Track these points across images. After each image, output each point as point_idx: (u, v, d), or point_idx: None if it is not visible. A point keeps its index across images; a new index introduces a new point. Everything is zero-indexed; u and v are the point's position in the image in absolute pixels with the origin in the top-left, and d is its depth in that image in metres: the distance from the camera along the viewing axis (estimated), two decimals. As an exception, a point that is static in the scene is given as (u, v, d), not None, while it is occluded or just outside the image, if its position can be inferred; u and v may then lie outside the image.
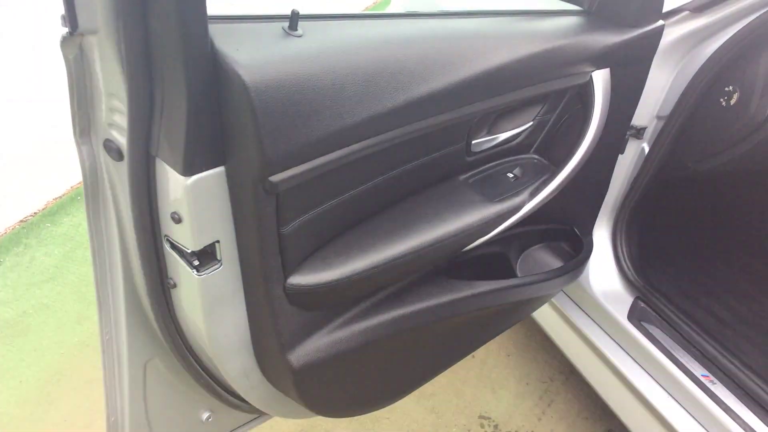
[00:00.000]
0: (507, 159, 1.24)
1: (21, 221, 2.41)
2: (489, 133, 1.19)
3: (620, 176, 1.55)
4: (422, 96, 0.94)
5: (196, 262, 0.89)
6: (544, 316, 1.80)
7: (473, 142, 1.16)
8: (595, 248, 1.63)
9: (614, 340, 1.57)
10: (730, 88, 1.44)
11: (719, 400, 1.32)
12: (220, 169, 0.83)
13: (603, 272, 1.63)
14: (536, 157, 1.27)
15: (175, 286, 0.96)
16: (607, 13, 1.22)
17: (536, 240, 1.51)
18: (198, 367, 1.11)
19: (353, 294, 1.07)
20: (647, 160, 1.52)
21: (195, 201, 0.82)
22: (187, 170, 0.79)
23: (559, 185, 1.23)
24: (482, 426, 1.74)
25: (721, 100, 1.45)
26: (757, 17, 1.31)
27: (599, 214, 1.60)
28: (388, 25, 0.99)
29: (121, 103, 0.78)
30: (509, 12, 1.15)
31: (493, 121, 1.17)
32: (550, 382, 1.89)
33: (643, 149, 1.52)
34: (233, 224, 0.90)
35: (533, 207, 1.20)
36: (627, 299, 1.59)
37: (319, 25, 0.89)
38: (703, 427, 1.34)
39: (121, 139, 0.82)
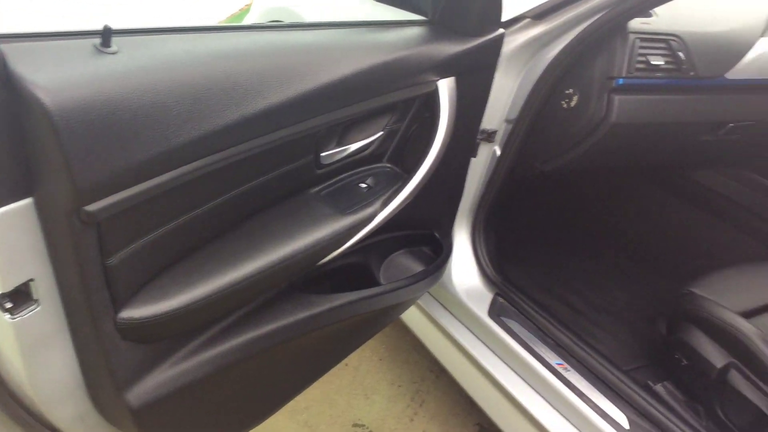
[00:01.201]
0: (359, 169, 1.22)
1: None
2: (339, 145, 1.16)
3: (475, 179, 1.58)
4: (259, 112, 0.89)
5: (9, 305, 0.80)
6: (412, 317, 1.81)
7: (322, 154, 1.12)
8: (455, 249, 1.65)
9: (477, 336, 1.60)
10: (570, 90, 1.50)
11: (573, 386, 1.38)
12: (28, 200, 0.75)
13: (464, 272, 1.66)
14: (389, 165, 1.26)
15: None
16: (449, 24, 1.23)
17: (398, 246, 1.50)
18: (28, 415, 1.00)
19: (197, 322, 1.00)
20: (499, 163, 1.56)
21: (0, 237, 0.73)
22: None
23: (412, 192, 1.23)
24: (357, 433, 1.72)
25: (563, 102, 1.52)
26: (590, 23, 1.37)
27: (457, 216, 1.62)
28: (219, 38, 0.92)
29: None
30: (352, 23, 1.12)
31: (341, 132, 1.14)
32: (422, 382, 1.90)
33: (494, 152, 1.55)
34: (49, 259, 0.81)
35: (387, 216, 1.18)
36: (487, 296, 1.62)
37: (137, 41, 0.82)
38: (559, 413, 1.39)
39: None
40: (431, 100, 1.21)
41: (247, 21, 2.40)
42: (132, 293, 0.89)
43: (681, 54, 1.49)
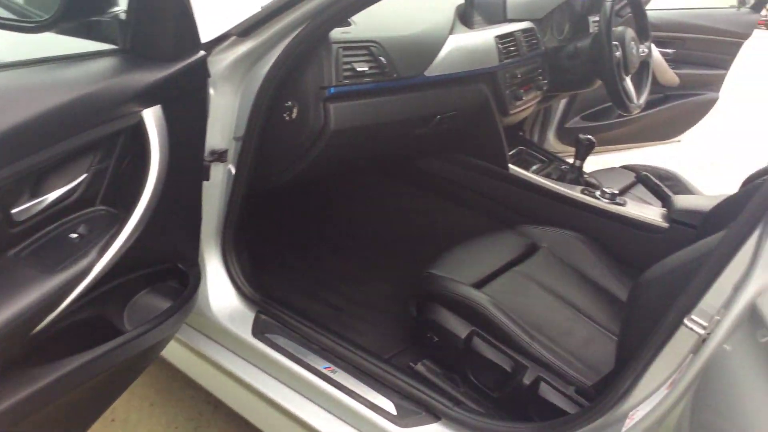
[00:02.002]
0: (67, 218, 1.12)
1: None
2: (34, 196, 1.05)
3: (214, 200, 1.55)
4: None
5: None
6: (177, 354, 1.73)
7: (14, 211, 1.01)
8: (209, 275, 1.61)
9: (244, 359, 1.58)
10: (290, 103, 1.54)
11: (342, 385, 1.42)
12: None
13: (222, 296, 1.63)
14: (103, 208, 1.18)
15: None
16: (143, 51, 1.19)
17: (141, 287, 1.43)
18: None
19: None
20: (236, 180, 1.55)
21: None
22: None
23: (134, 231, 1.17)
24: (139, 489, 1.61)
25: (285, 115, 1.55)
26: (293, 37, 1.41)
27: (204, 241, 1.58)
28: None
29: None
30: (25, 62, 1.02)
31: (34, 182, 1.04)
32: (200, 417, 1.83)
33: (230, 170, 1.54)
34: None
35: (108, 263, 1.11)
36: (249, 315, 1.61)
37: None
38: (334, 415, 1.43)
39: None
40: (138, 132, 1.16)
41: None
42: None
43: (382, 58, 1.61)
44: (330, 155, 1.64)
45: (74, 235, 1.10)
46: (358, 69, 1.57)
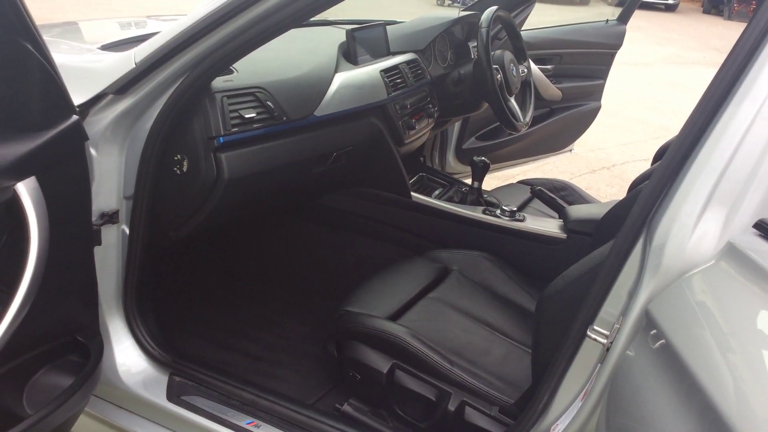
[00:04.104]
0: None
1: None
2: None
3: (111, 264, 1.47)
4: None
5: None
6: (89, 430, 1.61)
7: None
8: (114, 341, 1.52)
9: (162, 425, 1.49)
10: (179, 156, 1.49)
11: None
12: None
13: (130, 363, 1.54)
14: None
15: None
16: (11, 123, 1.11)
17: (39, 366, 1.32)
18: None
19: None
20: (131, 240, 1.48)
21: None
22: None
23: (20, 308, 1.09)
24: None
25: (175, 169, 1.50)
26: (174, 90, 1.37)
27: (104, 309, 1.49)
28: None
29: None
30: None
31: None
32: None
33: (123, 231, 1.47)
34: None
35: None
36: (162, 379, 1.53)
37: None
38: None
39: None
40: (14, 207, 1.08)
41: None
42: None
43: (270, 103, 1.59)
44: (227, 204, 1.59)
45: None
46: (246, 116, 1.54)
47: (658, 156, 2.06)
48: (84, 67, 1.46)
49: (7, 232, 1.11)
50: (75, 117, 1.20)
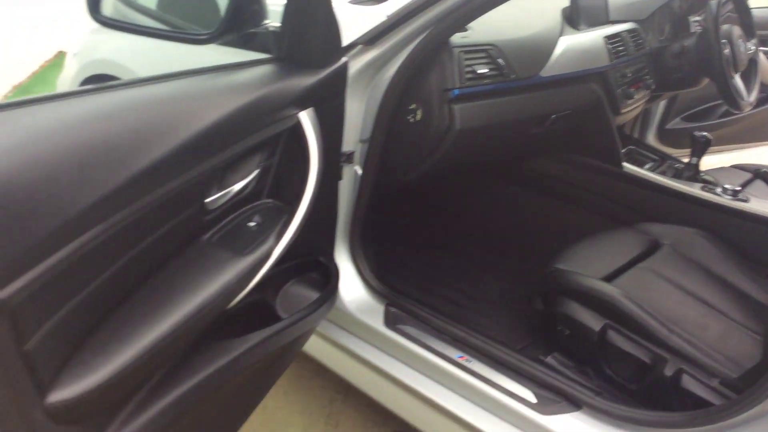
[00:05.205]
0: (243, 209, 1.20)
1: None
2: (220, 189, 1.14)
3: (344, 199, 1.61)
4: (145, 168, 0.87)
5: None
6: (310, 343, 1.79)
7: (206, 200, 1.10)
8: (340, 270, 1.67)
9: (378, 348, 1.62)
10: (414, 106, 1.58)
11: (477, 374, 1.43)
12: None
13: (352, 290, 1.67)
14: (270, 201, 1.26)
15: None
16: (296, 59, 1.26)
17: (288, 277, 1.49)
18: None
19: (124, 390, 0.94)
20: (363, 181, 1.60)
21: None
22: None
23: (301, 221, 1.23)
24: (279, 471, 1.67)
25: (409, 117, 1.59)
26: (416, 44, 1.45)
27: (336, 239, 1.64)
28: (82, 103, 0.89)
29: None
30: (204, 70, 1.11)
31: (220, 176, 1.13)
32: (331, 404, 1.88)
33: (356, 171, 1.59)
34: None
35: (283, 249, 1.18)
36: (379, 308, 1.65)
37: (3, 117, 0.77)
38: (470, 401, 1.44)
39: None
40: (297, 133, 1.23)
41: (65, 74, 2.26)
42: (54, 375, 0.81)
43: (500, 60, 1.63)
44: (452, 155, 1.66)
45: (252, 224, 1.18)
46: (479, 71, 1.60)
47: None
48: (339, 18, 1.60)
49: (288, 156, 1.26)
50: (344, 59, 1.33)
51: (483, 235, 2.26)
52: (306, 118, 1.23)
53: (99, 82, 1.52)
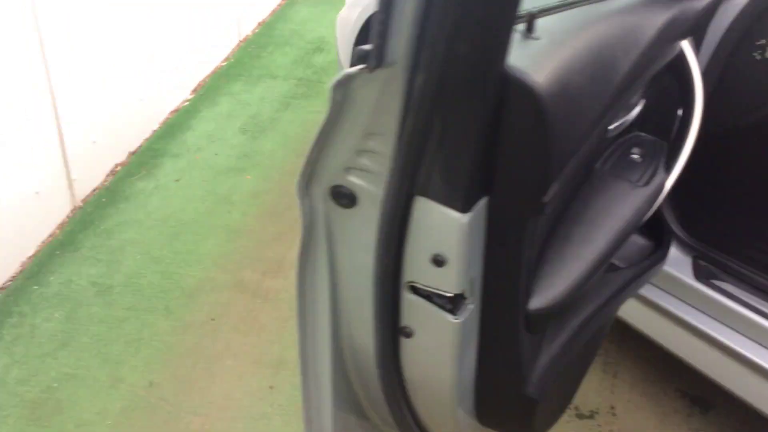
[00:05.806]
0: (621, 140, 1.15)
1: (1, 288, 2.09)
2: (622, 117, 1.09)
3: None
4: (626, 73, 0.88)
5: (450, 306, 0.77)
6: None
7: (610, 127, 1.05)
8: None
9: (686, 302, 1.51)
10: (764, 41, 1.40)
11: None
12: (485, 200, 0.73)
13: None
14: (641, 134, 1.19)
15: (410, 335, 0.82)
16: None
17: None
18: (412, 422, 0.95)
19: (569, 307, 0.95)
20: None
21: (469, 239, 0.72)
22: (466, 206, 0.69)
23: (686, 159, 1.17)
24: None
25: (755, 54, 1.41)
26: None
27: None
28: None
29: (381, 144, 0.67)
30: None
31: (626, 103, 1.07)
32: (606, 354, 1.82)
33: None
34: (484, 258, 0.79)
35: (671, 185, 1.12)
36: (686, 260, 1.53)
37: (544, 22, 0.79)
38: None
39: (360, 183, 0.69)
40: (678, 63, 1.13)
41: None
42: (529, 284, 0.85)
43: None
44: None
45: (635, 156, 1.12)
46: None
47: None
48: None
49: (660, 86, 1.17)
50: None
51: None
52: (688, 48, 1.12)
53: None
